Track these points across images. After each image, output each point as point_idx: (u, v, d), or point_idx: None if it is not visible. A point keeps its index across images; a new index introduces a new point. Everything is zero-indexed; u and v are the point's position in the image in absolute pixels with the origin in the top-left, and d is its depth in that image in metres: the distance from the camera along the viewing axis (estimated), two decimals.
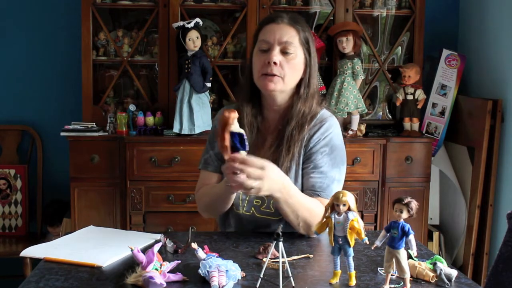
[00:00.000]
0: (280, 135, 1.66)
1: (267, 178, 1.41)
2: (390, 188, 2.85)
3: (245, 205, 1.68)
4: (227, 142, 1.34)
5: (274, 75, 1.60)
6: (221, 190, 1.57)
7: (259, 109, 1.71)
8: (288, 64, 1.61)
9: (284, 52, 1.61)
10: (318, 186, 1.61)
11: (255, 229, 1.68)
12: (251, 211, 1.68)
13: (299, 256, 1.39)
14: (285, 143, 1.63)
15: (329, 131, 1.66)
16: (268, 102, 1.69)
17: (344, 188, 1.65)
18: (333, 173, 1.65)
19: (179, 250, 1.41)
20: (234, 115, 1.33)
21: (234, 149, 1.35)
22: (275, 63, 1.59)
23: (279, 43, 1.61)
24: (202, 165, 1.77)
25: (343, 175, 1.69)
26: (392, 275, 1.18)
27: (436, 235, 3.06)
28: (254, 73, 1.65)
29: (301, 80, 1.67)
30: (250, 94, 1.69)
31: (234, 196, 1.61)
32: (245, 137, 1.35)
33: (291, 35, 1.62)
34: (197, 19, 2.76)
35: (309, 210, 1.53)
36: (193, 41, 2.74)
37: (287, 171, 1.62)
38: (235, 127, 1.33)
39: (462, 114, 3.05)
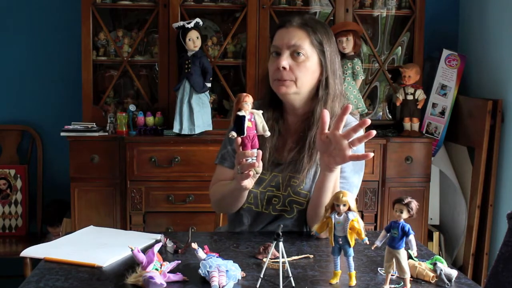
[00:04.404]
0: (301, 140, 1.65)
1: None
2: (390, 188, 2.85)
3: (264, 203, 1.68)
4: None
5: (286, 80, 1.60)
6: (234, 187, 1.55)
7: (281, 112, 1.71)
8: (299, 67, 1.61)
9: (294, 55, 1.61)
10: None
11: (265, 227, 1.68)
12: (269, 210, 1.68)
13: (299, 256, 1.39)
14: (307, 150, 1.62)
15: None
16: (287, 105, 1.69)
17: None
18: (354, 179, 1.65)
19: (179, 250, 1.41)
20: (245, 98, 1.35)
21: (235, 130, 1.36)
22: (284, 68, 1.59)
23: (287, 47, 1.61)
24: (218, 160, 1.77)
25: (360, 182, 1.69)
26: (392, 275, 1.18)
27: (436, 235, 3.06)
28: (270, 78, 1.66)
29: (319, 82, 1.66)
30: (271, 98, 1.69)
31: (246, 194, 1.60)
32: (245, 120, 1.34)
33: (300, 38, 1.61)
34: (197, 19, 2.76)
35: None
36: (193, 41, 2.74)
37: (306, 174, 1.62)
38: (242, 110, 1.34)
39: (462, 114, 3.05)
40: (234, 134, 1.35)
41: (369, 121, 1.35)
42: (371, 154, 1.35)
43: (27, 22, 3.16)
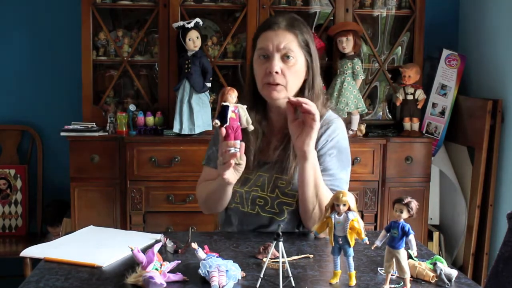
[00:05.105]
0: (285, 138, 1.65)
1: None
2: (390, 188, 2.85)
3: (249, 204, 1.68)
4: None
5: (277, 84, 1.59)
6: (218, 183, 1.57)
7: (264, 113, 1.70)
8: (290, 71, 1.60)
9: (284, 58, 1.60)
10: (328, 189, 1.61)
11: (257, 228, 1.68)
12: (256, 210, 1.68)
13: (299, 256, 1.39)
14: (293, 147, 1.61)
15: (336, 132, 1.66)
16: (273, 106, 1.68)
17: None
18: (341, 175, 1.65)
19: (179, 250, 1.41)
20: (229, 91, 1.38)
21: (219, 119, 1.38)
22: (276, 72, 1.58)
23: (277, 50, 1.60)
24: (205, 160, 1.78)
25: (349, 177, 1.70)
26: (392, 275, 1.18)
27: (436, 235, 3.06)
28: (257, 82, 1.65)
29: (305, 81, 1.66)
30: (254, 99, 1.68)
31: (230, 191, 1.61)
32: (228, 110, 1.36)
33: (289, 41, 1.61)
34: (197, 19, 2.76)
35: (325, 194, 1.55)
36: (193, 41, 2.74)
37: (293, 173, 1.62)
38: (227, 101, 1.37)
39: (462, 114, 3.05)
40: (217, 122, 1.37)
41: (292, 99, 1.48)
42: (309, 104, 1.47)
43: (27, 22, 3.16)
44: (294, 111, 1.51)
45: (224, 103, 1.37)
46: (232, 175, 1.47)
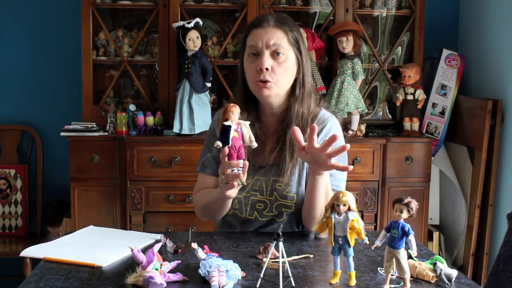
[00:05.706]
0: (280, 139, 1.64)
1: None
2: (390, 188, 2.85)
3: (248, 209, 1.67)
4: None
5: (267, 81, 1.58)
6: (218, 195, 1.55)
7: (256, 114, 1.68)
8: (280, 68, 1.59)
9: (274, 55, 1.59)
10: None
11: (260, 229, 1.68)
12: (254, 215, 1.67)
13: (299, 256, 1.39)
14: (288, 148, 1.61)
15: (332, 131, 1.65)
16: (265, 107, 1.67)
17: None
18: (340, 174, 1.65)
19: (179, 250, 1.41)
20: (232, 108, 1.34)
21: (221, 140, 1.34)
22: (266, 68, 1.57)
23: (267, 46, 1.58)
24: (199, 167, 1.75)
25: (346, 175, 1.70)
26: (392, 275, 1.18)
27: (436, 235, 3.06)
28: (248, 80, 1.64)
29: (295, 80, 1.65)
30: (245, 101, 1.67)
31: (230, 202, 1.59)
32: (229, 131, 1.33)
33: (278, 37, 1.60)
34: (197, 19, 2.76)
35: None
36: (193, 41, 2.74)
37: (290, 175, 1.61)
38: (228, 120, 1.33)
39: (462, 114, 3.05)
40: (219, 144, 1.33)
41: (337, 138, 1.35)
42: (351, 167, 1.38)
43: (27, 22, 3.16)
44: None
45: (226, 123, 1.33)
46: (233, 192, 1.45)
